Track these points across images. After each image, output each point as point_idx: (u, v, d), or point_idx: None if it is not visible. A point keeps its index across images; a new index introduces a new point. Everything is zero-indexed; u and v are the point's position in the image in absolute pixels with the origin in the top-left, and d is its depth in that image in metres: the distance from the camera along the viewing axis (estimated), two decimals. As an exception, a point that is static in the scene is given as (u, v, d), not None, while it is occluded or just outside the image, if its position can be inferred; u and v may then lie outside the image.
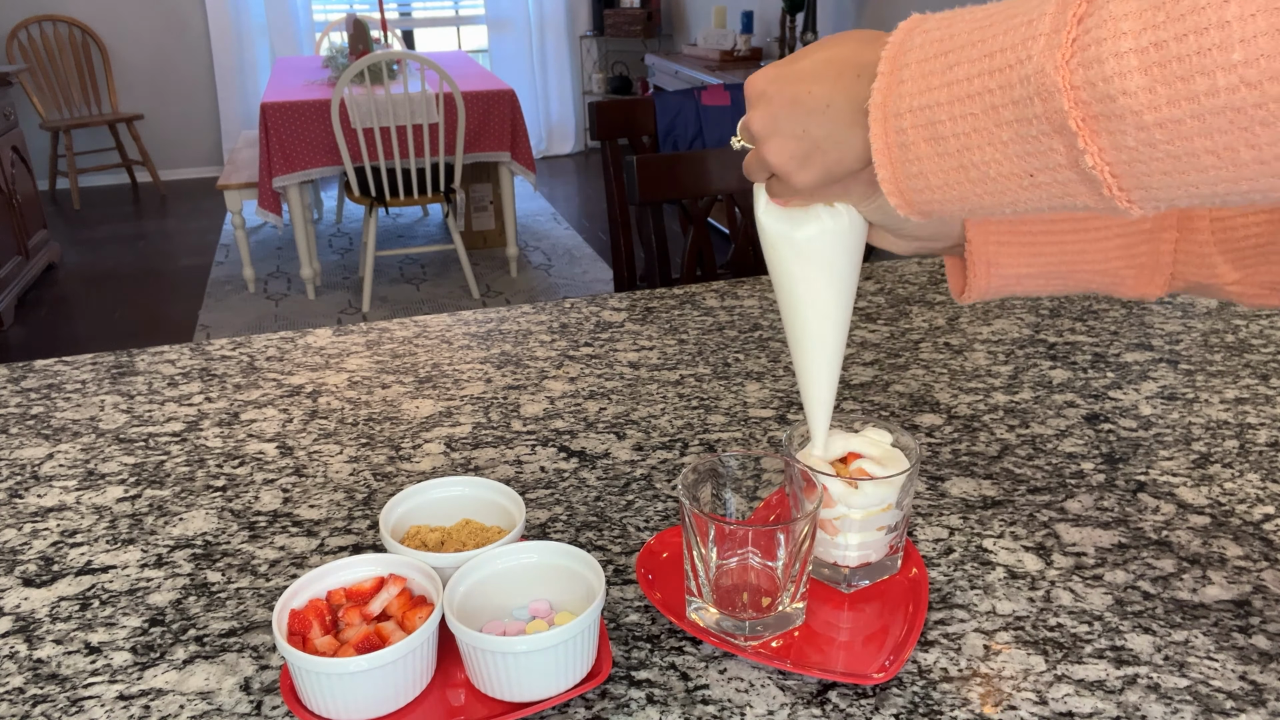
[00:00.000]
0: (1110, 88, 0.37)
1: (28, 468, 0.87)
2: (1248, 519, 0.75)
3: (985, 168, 0.43)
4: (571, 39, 6.55)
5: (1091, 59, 0.37)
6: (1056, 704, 0.57)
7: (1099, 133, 0.38)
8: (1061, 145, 0.40)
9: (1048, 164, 0.41)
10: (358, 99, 3.51)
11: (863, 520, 0.64)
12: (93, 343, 3.55)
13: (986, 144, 0.42)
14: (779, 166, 0.53)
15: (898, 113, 0.45)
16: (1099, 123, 0.38)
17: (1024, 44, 0.39)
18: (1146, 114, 0.36)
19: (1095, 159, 0.39)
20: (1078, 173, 0.40)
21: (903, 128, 0.45)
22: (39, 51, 5.43)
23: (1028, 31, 0.39)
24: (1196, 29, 0.34)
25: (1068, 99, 0.38)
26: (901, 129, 0.45)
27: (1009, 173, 0.43)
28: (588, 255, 4.48)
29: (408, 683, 0.56)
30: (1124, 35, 0.36)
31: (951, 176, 0.45)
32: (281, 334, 1.16)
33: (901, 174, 0.46)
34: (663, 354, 1.08)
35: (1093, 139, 0.38)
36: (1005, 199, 0.44)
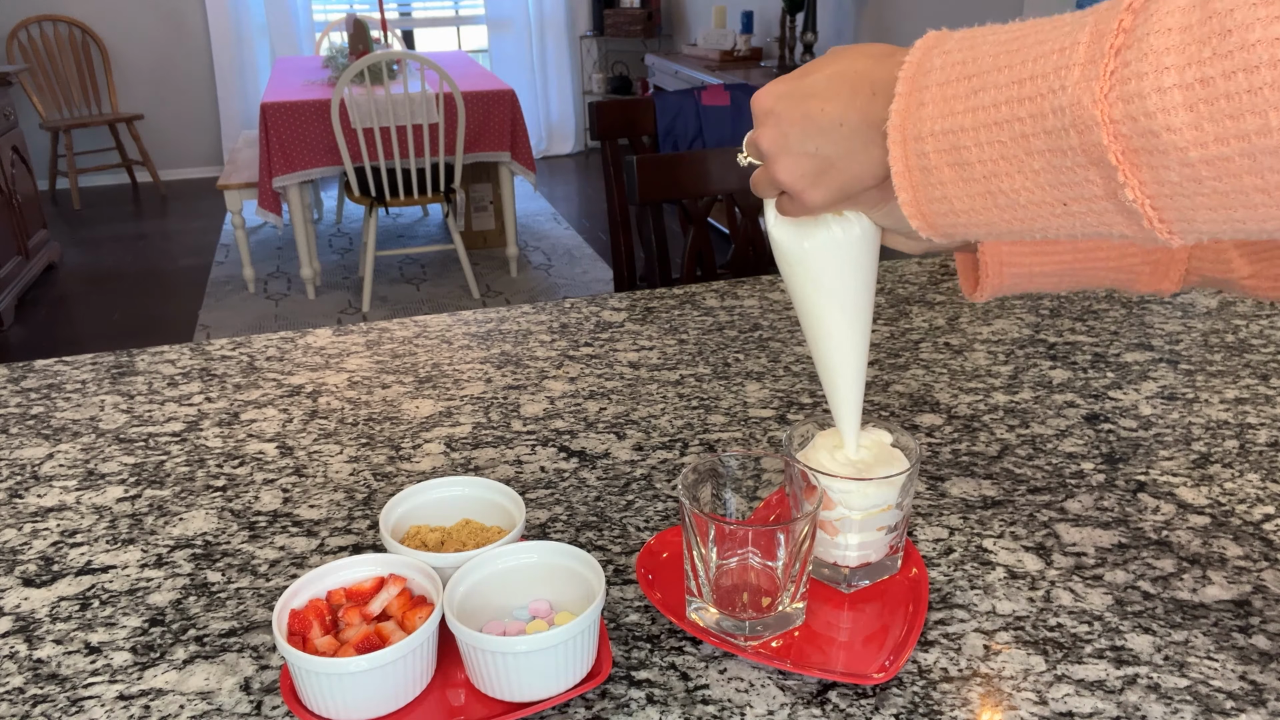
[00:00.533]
0: (1153, 124, 0.36)
1: (28, 468, 0.87)
2: (1248, 519, 0.75)
3: (1014, 195, 0.42)
4: (571, 39, 6.55)
5: (1132, 93, 0.36)
6: (1056, 704, 0.57)
7: (1140, 167, 0.37)
8: (1099, 177, 0.39)
9: (1083, 194, 0.40)
10: (358, 99, 3.51)
11: (863, 520, 0.64)
12: (93, 343, 3.56)
13: (1016, 172, 0.41)
14: (790, 185, 0.52)
15: (919, 136, 0.44)
16: (1140, 157, 0.37)
17: (1057, 73, 0.38)
18: (1192, 151, 0.35)
19: (1136, 193, 0.38)
20: (1116, 204, 0.39)
21: (924, 151, 0.44)
22: (39, 51, 5.43)
23: (1060, 60, 0.38)
24: (1246, 67, 0.33)
25: (1107, 133, 0.37)
26: (923, 153, 0.44)
27: (1040, 200, 0.41)
28: (588, 255, 4.48)
29: (407, 683, 0.56)
30: (1167, 70, 0.35)
31: (978, 202, 0.44)
32: (281, 334, 1.16)
33: (924, 198, 0.45)
34: (663, 354, 1.08)
35: (1133, 173, 0.37)
36: (1035, 225, 0.43)
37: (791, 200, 0.55)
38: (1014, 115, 0.40)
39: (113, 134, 5.60)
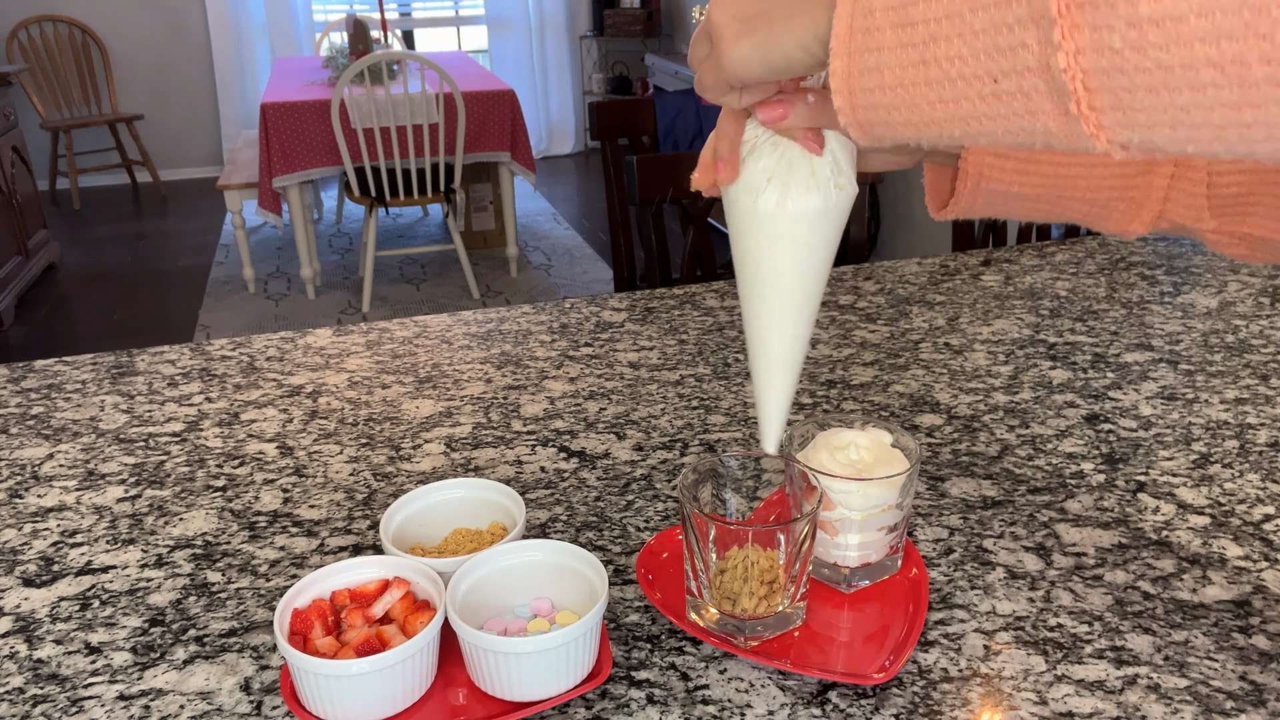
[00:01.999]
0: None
1: (28, 468, 0.87)
2: (1248, 519, 0.75)
3: (949, 65, 0.39)
4: (571, 39, 6.55)
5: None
6: (1056, 704, 0.57)
7: (1080, 26, 0.34)
8: (1035, 40, 0.35)
9: (1015, 64, 0.37)
10: (358, 99, 3.51)
11: (863, 520, 0.64)
12: (93, 343, 3.56)
13: (956, 35, 0.38)
14: (719, 26, 0.47)
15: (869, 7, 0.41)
16: (1084, 13, 0.33)
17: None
18: (1143, 4, 0.31)
19: (1070, 60, 0.34)
20: (1046, 80, 0.36)
21: (872, 9, 0.41)
22: (39, 51, 5.43)
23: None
24: None
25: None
26: (871, 10, 0.41)
27: (972, 74, 0.38)
28: (588, 255, 4.48)
29: (408, 686, 0.56)
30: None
31: (909, 74, 0.40)
32: (281, 334, 1.16)
33: (857, 67, 0.42)
34: (663, 354, 1.08)
35: (1072, 33, 0.34)
36: (959, 110, 0.40)
37: (712, 61, 0.49)
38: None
39: (113, 134, 5.60)
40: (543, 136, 6.64)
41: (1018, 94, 0.37)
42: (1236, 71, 0.30)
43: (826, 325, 1.15)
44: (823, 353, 1.07)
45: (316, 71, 4.44)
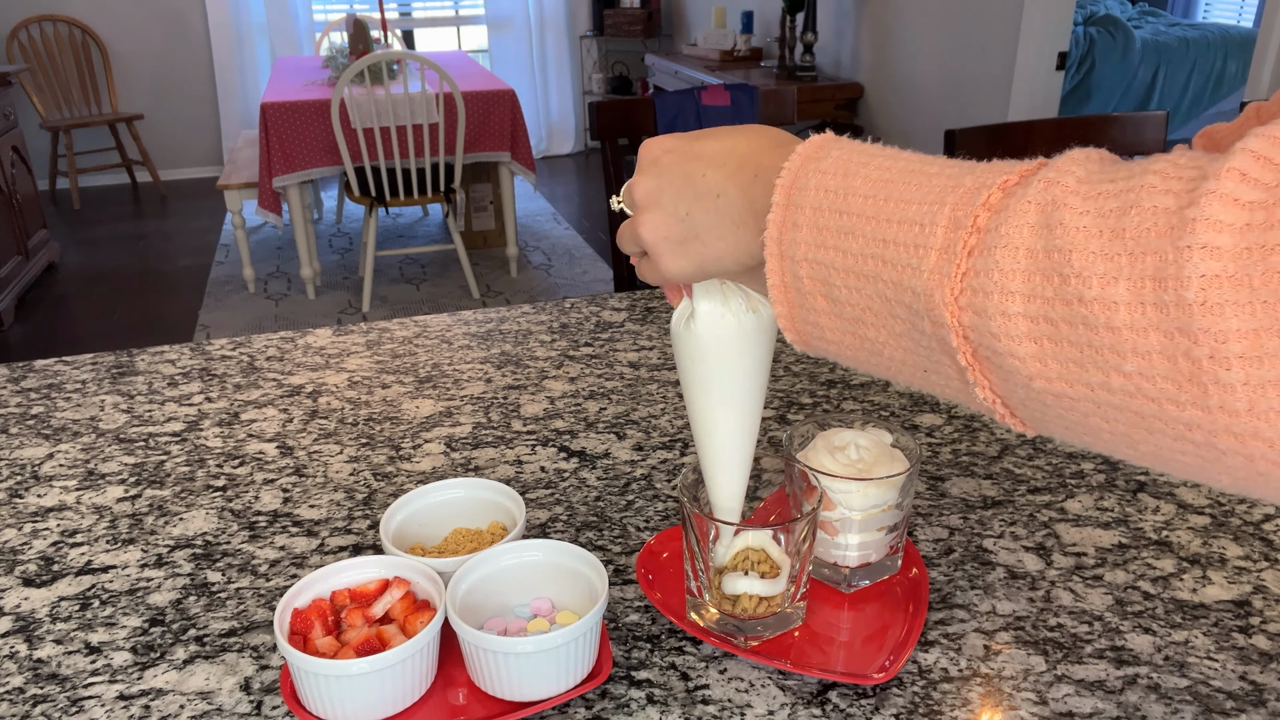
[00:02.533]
0: (998, 345, 0.34)
1: (28, 468, 0.87)
2: (1248, 519, 0.75)
3: (880, 345, 0.41)
4: (571, 39, 6.55)
5: (980, 307, 0.34)
6: (1056, 704, 0.57)
7: (990, 371, 0.36)
8: (952, 368, 0.38)
9: (941, 372, 0.39)
10: (358, 99, 3.51)
11: (863, 520, 0.64)
12: (93, 343, 3.55)
13: (880, 325, 0.40)
14: (652, 245, 0.49)
15: (793, 257, 0.42)
16: (989, 365, 0.36)
17: (915, 250, 0.37)
18: (1037, 381, 0.34)
19: (987, 392, 0.37)
20: (968, 393, 0.38)
21: (799, 274, 0.42)
22: (39, 51, 5.43)
23: (919, 237, 0.37)
24: (1085, 322, 0.32)
25: (956, 335, 0.36)
26: (798, 275, 0.42)
27: (904, 361, 0.40)
28: (588, 255, 4.48)
29: (408, 686, 0.56)
30: (1012, 295, 0.33)
31: (847, 339, 0.42)
32: (281, 334, 1.16)
33: (799, 317, 0.44)
34: (663, 354, 1.08)
35: (984, 374, 0.37)
36: (900, 378, 0.42)
37: (648, 263, 0.51)
38: (877, 274, 0.39)
39: (113, 134, 5.59)
40: (543, 136, 6.64)
41: (947, 387, 0.40)
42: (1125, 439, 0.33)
43: (826, 325, 1.15)
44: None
45: (316, 71, 4.44)
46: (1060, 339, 0.33)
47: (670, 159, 0.49)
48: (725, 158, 0.47)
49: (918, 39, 3.85)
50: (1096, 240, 0.31)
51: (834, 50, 4.58)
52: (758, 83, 4.05)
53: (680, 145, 0.49)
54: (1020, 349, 0.34)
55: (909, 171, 0.39)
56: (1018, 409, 0.37)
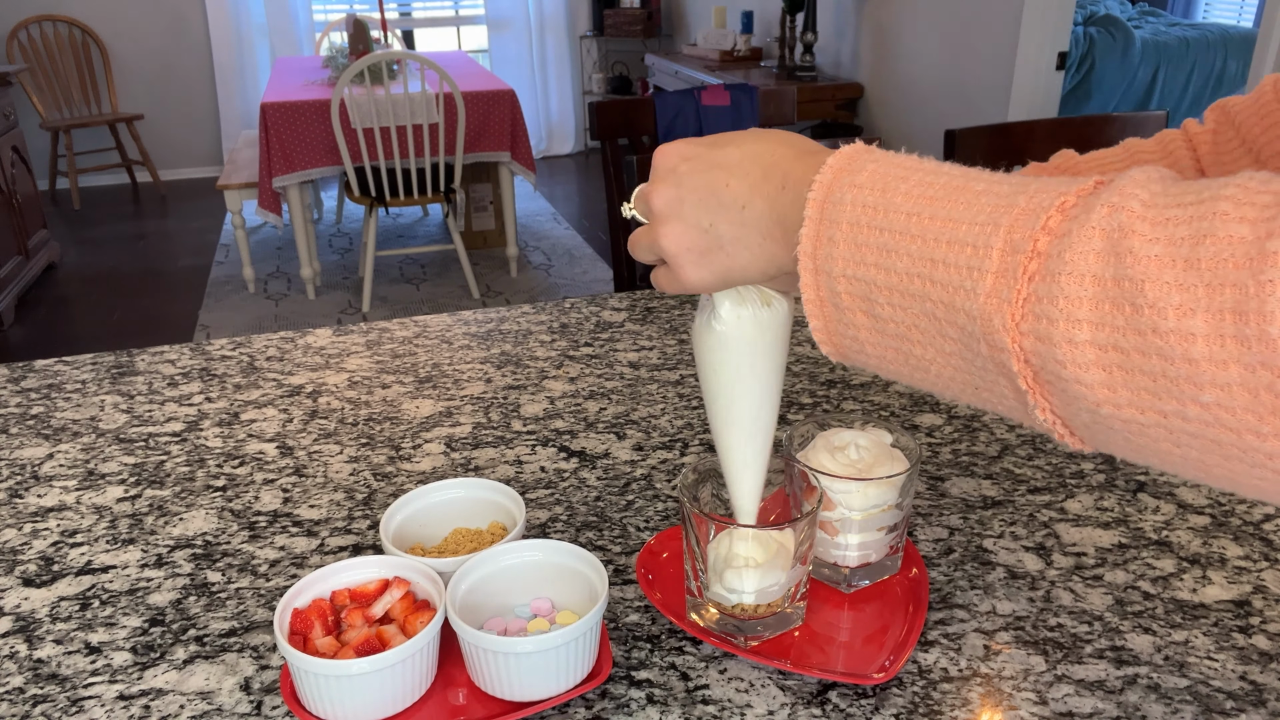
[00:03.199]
0: (1064, 372, 0.34)
1: (28, 468, 0.87)
2: (1248, 519, 0.75)
3: (927, 363, 0.40)
4: (571, 39, 6.55)
5: (1044, 334, 0.34)
6: (1056, 704, 0.57)
7: (1052, 394, 0.35)
8: (1009, 389, 0.37)
9: (994, 391, 0.38)
10: (358, 99, 3.51)
11: (863, 520, 0.64)
12: (93, 343, 3.55)
13: (929, 343, 0.39)
14: (674, 256, 0.48)
15: (830, 272, 0.41)
16: (1051, 389, 0.35)
17: (970, 273, 0.36)
18: (1105, 408, 0.34)
19: (1047, 414, 0.36)
20: (1026, 413, 0.37)
21: (836, 290, 0.41)
22: (39, 51, 5.43)
23: (974, 260, 0.36)
24: (1161, 353, 0.31)
25: (1017, 360, 0.35)
26: (835, 290, 0.41)
27: (952, 378, 0.40)
28: (588, 255, 4.48)
29: (408, 686, 0.56)
30: (1080, 323, 0.33)
31: (890, 354, 0.41)
32: (281, 334, 1.16)
33: (836, 332, 0.43)
34: (663, 354, 1.08)
35: (1045, 397, 0.36)
36: (947, 393, 0.41)
37: (667, 273, 0.50)
38: (926, 294, 0.38)
39: (113, 134, 5.60)
40: (543, 136, 6.64)
41: (1001, 405, 0.39)
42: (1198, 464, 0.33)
43: (826, 325, 1.15)
44: (822, 353, 1.07)
45: (316, 71, 4.44)
46: (1132, 368, 0.32)
47: (689, 167, 0.47)
48: (749, 167, 0.46)
49: (918, 39, 3.85)
50: (1170, 270, 0.31)
51: (834, 50, 4.58)
52: (758, 83, 4.05)
53: (699, 153, 0.48)
54: (1088, 376, 0.33)
55: (953, 188, 0.38)
56: (1080, 430, 0.36)
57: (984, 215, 0.37)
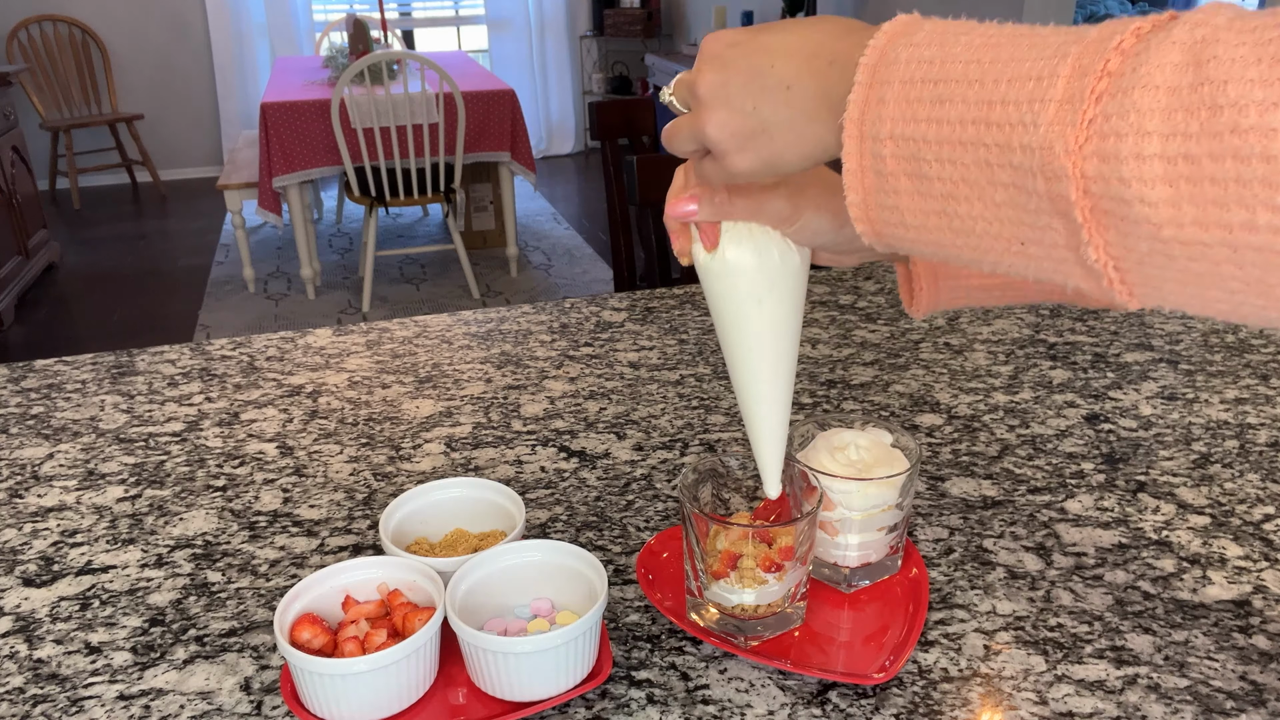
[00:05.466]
0: (1127, 191, 0.32)
1: (28, 468, 0.87)
2: (1248, 519, 0.75)
3: (971, 222, 0.39)
4: (571, 39, 6.55)
5: (1109, 152, 0.33)
6: (1056, 704, 0.57)
7: (1108, 228, 0.34)
8: (1062, 228, 0.36)
9: (1043, 240, 0.37)
10: (358, 99, 3.51)
11: (863, 520, 0.64)
12: (93, 343, 3.55)
13: (976, 198, 0.38)
14: (718, 142, 0.46)
15: (877, 136, 0.40)
16: (1109, 219, 0.34)
17: (1030, 105, 0.35)
18: (1167, 229, 0.32)
19: (1100, 254, 0.35)
20: (1076, 258, 0.36)
21: (881, 154, 0.40)
22: (39, 51, 5.43)
23: (1036, 91, 0.35)
24: (1237, 154, 0.30)
25: (1076, 187, 0.34)
26: (880, 155, 0.40)
27: (997, 234, 0.38)
28: (588, 255, 4.48)
29: (408, 686, 0.56)
30: (1149, 135, 0.32)
31: (931, 220, 0.40)
32: (281, 334, 1.16)
33: (875, 203, 0.42)
34: (663, 354, 1.08)
35: (1099, 233, 0.35)
36: (988, 257, 0.40)
37: (712, 163, 0.49)
38: (980, 139, 0.37)
39: (113, 134, 5.60)
40: (543, 136, 6.64)
41: (1047, 260, 0.38)
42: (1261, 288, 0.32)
43: (826, 325, 1.15)
44: (823, 353, 1.07)
45: (316, 71, 4.44)
46: (1201, 178, 0.31)
47: (735, 53, 0.46)
48: (796, 48, 0.44)
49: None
50: (1255, 68, 0.29)
51: (834, 50, 4.57)
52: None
53: (745, 38, 0.46)
54: (1153, 193, 0.32)
55: (1018, 35, 0.37)
56: (1132, 270, 0.35)
57: (1050, 50, 0.35)
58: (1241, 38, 0.30)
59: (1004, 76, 0.36)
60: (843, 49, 0.43)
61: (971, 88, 0.37)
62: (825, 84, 0.43)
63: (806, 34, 0.45)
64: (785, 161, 0.46)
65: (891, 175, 0.40)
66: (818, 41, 0.44)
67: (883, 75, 0.40)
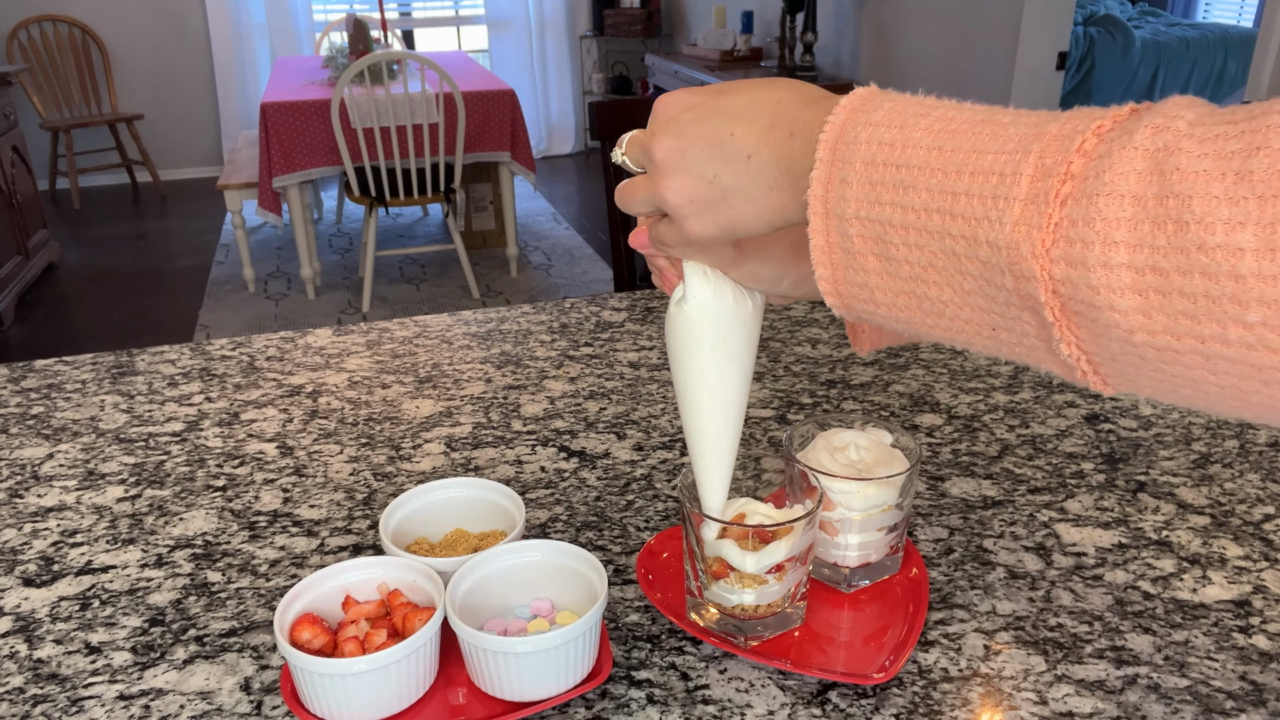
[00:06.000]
0: (1096, 298, 0.32)
1: (28, 468, 0.87)
2: (1248, 519, 0.75)
3: (941, 305, 0.39)
4: (571, 39, 6.55)
5: (1076, 259, 0.32)
6: (1056, 704, 0.57)
7: (1079, 327, 0.34)
8: (1033, 321, 0.36)
9: (1014, 329, 0.37)
10: (358, 99, 3.51)
11: (863, 520, 0.64)
12: (93, 343, 3.55)
13: (945, 283, 0.38)
14: (676, 207, 0.46)
15: (841, 215, 0.40)
16: (1080, 319, 0.34)
17: (995, 201, 0.35)
18: (1139, 335, 0.32)
19: (1072, 349, 0.35)
20: (1049, 348, 0.36)
21: (847, 233, 0.40)
22: (39, 51, 5.43)
23: (1000, 188, 0.35)
24: (1205, 271, 0.30)
25: (1045, 289, 0.34)
26: (846, 234, 0.40)
27: (968, 319, 0.38)
28: (588, 255, 4.48)
29: (408, 685, 0.56)
30: (1116, 245, 0.31)
31: (901, 300, 0.40)
32: (281, 334, 1.16)
33: (844, 279, 0.42)
34: (663, 354, 1.08)
35: (1071, 330, 0.35)
36: (959, 338, 0.40)
37: (669, 226, 0.48)
38: (945, 229, 0.36)
39: (113, 134, 5.60)
40: (543, 136, 6.64)
41: (1018, 345, 0.37)
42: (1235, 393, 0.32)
43: (826, 325, 1.15)
44: (823, 353, 1.07)
45: (316, 71, 4.44)
46: (1170, 290, 0.31)
47: (692, 116, 0.45)
48: (755, 115, 0.44)
49: (918, 39, 3.85)
50: (1219, 184, 0.29)
51: (834, 50, 4.58)
52: (758, 83, 4.04)
53: (702, 101, 0.46)
54: (1122, 301, 0.32)
55: (977, 121, 0.37)
56: (1105, 365, 0.35)
57: (1012, 144, 0.35)
58: (1204, 148, 0.30)
59: (966, 168, 0.36)
60: (804, 119, 0.42)
61: (934, 175, 0.37)
62: (786, 155, 0.43)
63: (765, 100, 0.44)
64: (745, 228, 0.46)
65: (859, 254, 0.40)
66: (778, 110, 0.44)
67: (843, 154, 0.40)
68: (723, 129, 0.44)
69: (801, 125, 0.42)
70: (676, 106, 0.46)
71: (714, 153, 0.44)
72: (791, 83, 0.46)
